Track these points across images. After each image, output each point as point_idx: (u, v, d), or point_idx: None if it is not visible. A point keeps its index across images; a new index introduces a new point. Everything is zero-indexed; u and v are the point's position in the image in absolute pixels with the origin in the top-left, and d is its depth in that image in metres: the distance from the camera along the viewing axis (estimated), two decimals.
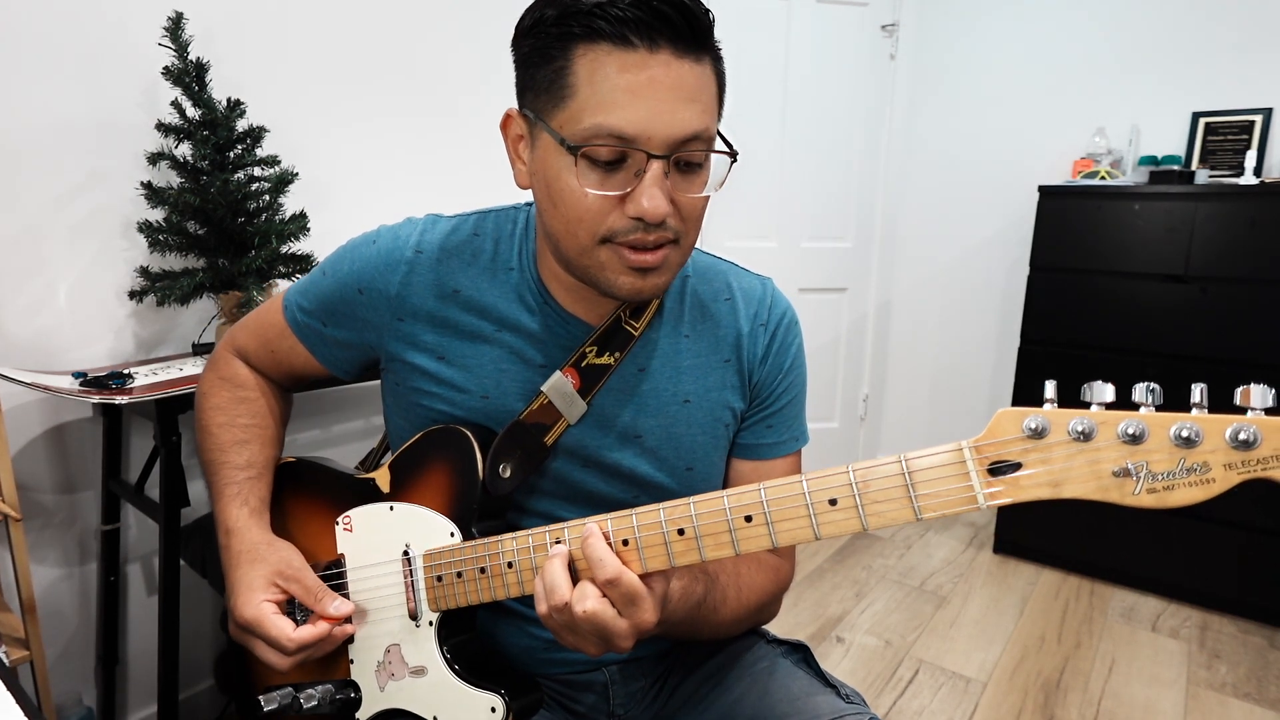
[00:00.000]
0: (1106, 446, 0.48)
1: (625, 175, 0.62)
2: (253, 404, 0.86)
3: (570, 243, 0.66)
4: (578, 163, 0.62)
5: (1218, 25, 2.27)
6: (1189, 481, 0.46)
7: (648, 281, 0.67)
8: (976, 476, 0.51)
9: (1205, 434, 0.45)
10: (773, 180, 2.72)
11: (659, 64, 0.59)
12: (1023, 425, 0.50)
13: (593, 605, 0.58)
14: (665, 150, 0.61)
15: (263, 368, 0.88)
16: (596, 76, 0.60)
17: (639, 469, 0.76)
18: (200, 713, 1.58)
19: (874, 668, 1.88)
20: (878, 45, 2.76)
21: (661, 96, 0.60)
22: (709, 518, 0.59)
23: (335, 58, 1.68)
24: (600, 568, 0.59)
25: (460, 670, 0.68)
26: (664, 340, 0.78)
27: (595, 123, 0.60)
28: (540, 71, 0.63)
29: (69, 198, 1.32)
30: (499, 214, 0.80)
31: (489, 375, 0.75)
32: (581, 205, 0.63)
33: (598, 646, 0.61)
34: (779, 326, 0.82)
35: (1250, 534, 2.06)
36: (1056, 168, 2.56)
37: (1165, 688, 1.81)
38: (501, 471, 0.72)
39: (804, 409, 0.85)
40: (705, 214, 0.70)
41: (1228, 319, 2.03)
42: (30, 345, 1.30)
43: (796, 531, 0.56)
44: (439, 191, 1.91)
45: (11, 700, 0.55)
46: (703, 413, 0.78)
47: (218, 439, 0.84)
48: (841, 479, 0.54)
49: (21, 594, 1.17)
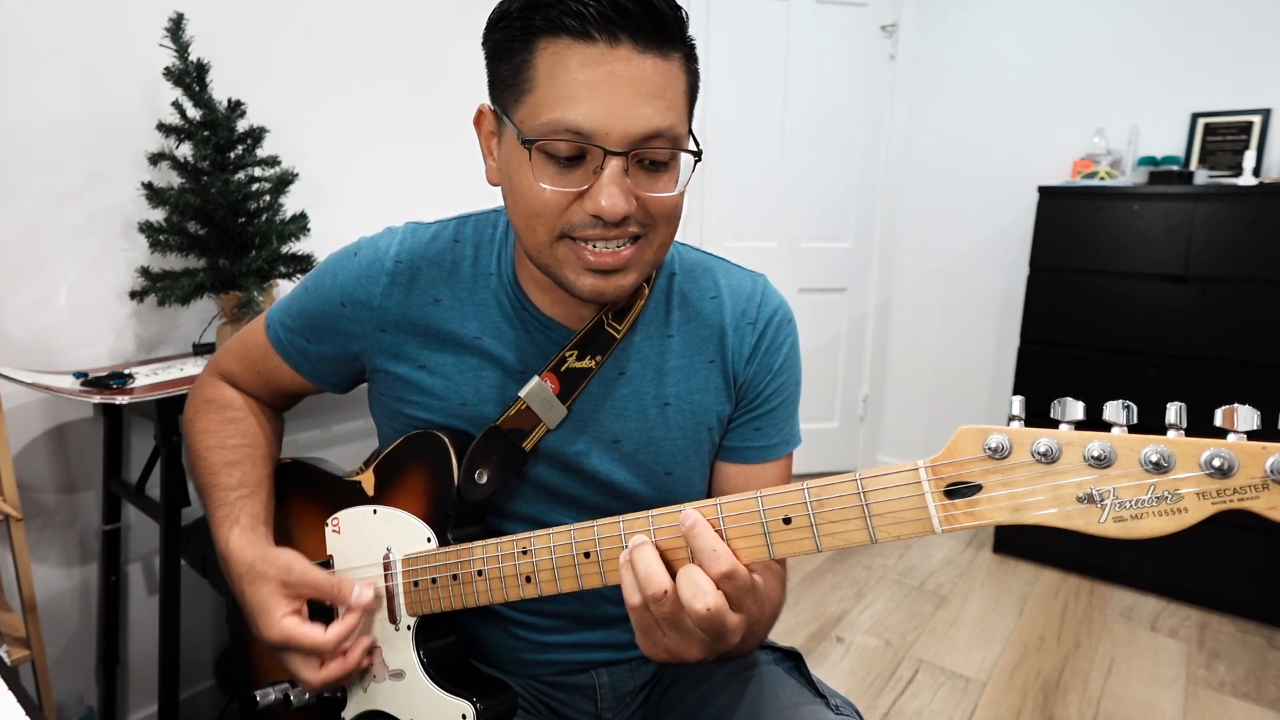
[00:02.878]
0: (1071, 470, 0.44)
1: (584, 172, 0.61)
2: (241, 424, 0.84)
3: (530, 238, 0.65)
4: (533, 157, 0.61)
5: (1217, 25, 2.28)
6: (1159, 510, 0.42)
7: (610, 283, 0.65)
8: (932, 499, 0.48)
9: (1178, 459, 0.42)
10: (773, 180, 2.72)
11: (619, 59, 0.58)
12: (983, 444, 0.47)
13: (715, 601, 0.52)
14: (624, 147, 0.59)
15: (250, 388, 0.86)
16: (556, 70, 0.59)
17: (614, 475, 0.75)
18: (200, 713, 1.58)
19: (874, 668, 1.88)
20: (877, 45, 2.76)
21: (621, 92, 0.58)
22: (667, 532, 0.57)
23: (336, 58, 1.68)
24: (715, 560, 0.53)
25: (435, 675, 0.69)
26: (647, 342, 0.76)
27: (553, 117, 0.59)
28: (504, 65, 0.63)
29: (70, 198, 1.32)
30: (479, 218, 0.79)
31: (468, 383, 0.74)
32: (539, 200, 0.62)
33: (705, 647, 0.56)
34: (768, 325, 0.78)
35: (1250, 534, 2.06)
36: (1056, 168, 2.56)
37: (1164, 687, 1.81)
38: (478, 478, 0.71)
39: (796, 411, 0.82)
40: (683, 211, 0.68)
41: (1227, 319, 2.03)
42: (31, 345, 1.30)
43: (751, 550, 0.54)
44: (438, 191, 1.92)
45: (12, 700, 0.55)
46: (683, 416, 0.76)
47: (208, 462, 0.81)
48: (797, 497, 0.53)
49: (22, 594, 1.17)
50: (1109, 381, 2.21)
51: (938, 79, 2.80)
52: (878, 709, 1.73)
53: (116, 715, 1.48)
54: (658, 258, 0.69)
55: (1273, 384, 1.99)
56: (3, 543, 1.28)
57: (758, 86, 2.62)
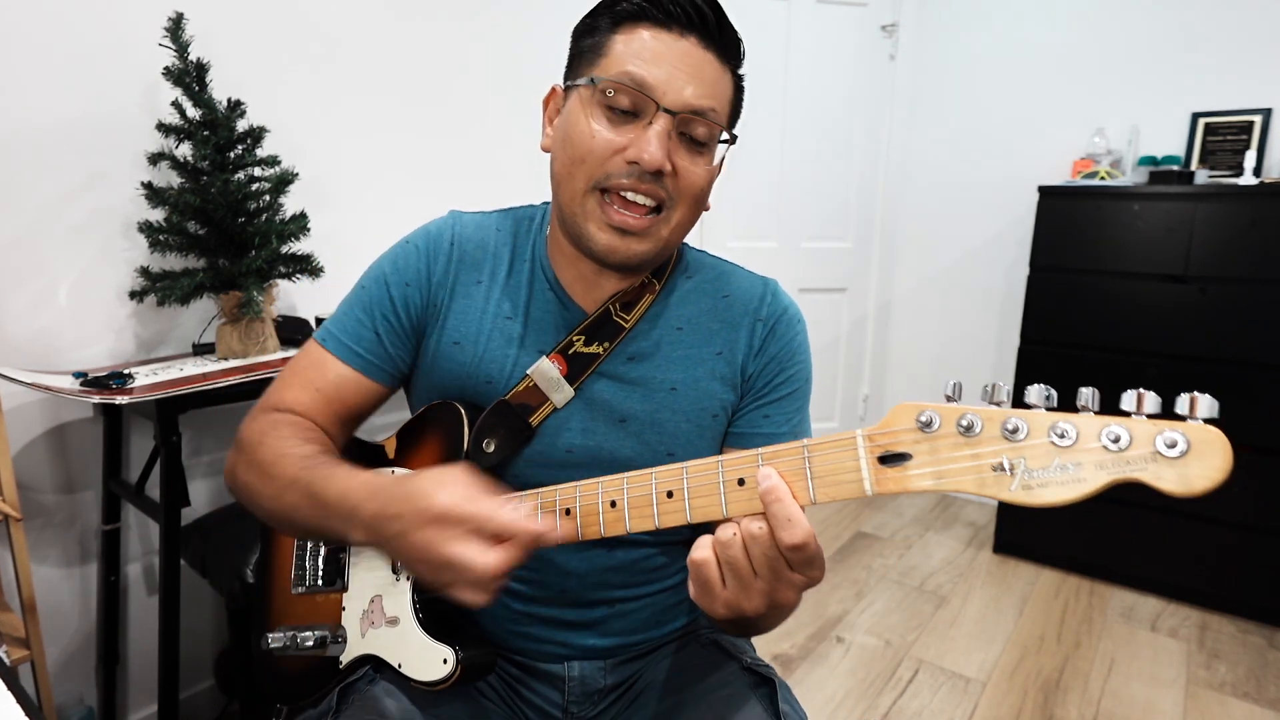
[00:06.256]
0: (989, 440, 0.48)
1: (635, 128, 0.69)
2: (313, 432, 0.77)
3: (568, 186, 0.72)
4: (596, 100, 0.69)
5: (1218, 25, 2.28)
6: (1061, 480, 0.46)
7: (626, 244, 0.71)
8: (866, 465, 0.53)
9: (1080, 433, 0.46)
10: (773, 180, 2.73)
11: (687, 44, 0.69)
12: (916, 418, 0.51)
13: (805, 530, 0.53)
14: (676, 108, 0.68)
15: (311, 413, 0.79)
16: (633, 41, 0.69)
17: (620, 452, 0.78)
18: (200, 713, 1.58)
19: (874, 668, 1.88)
20: (878, 45, 2.76)
21: (682, 66, 0.68)
22: (637, 491, 0.62)
23: (336, 58, 1.68)
24: (789, 529, 0.53)
25: (424, 622, 0.72)
26: (655, 333, 0.80)
27: (622, 69, 0.68)
28: (587, 40, 0.73)
29: (69, 198, 1.32)
30: (517, 213, 0.85)
31: (495, 360, 0.78)
32: (587, 145, 0.69)
33: (765, 598, 0.57)
34: (778, 321, 0.82)
35: (1250, 534, 2.07)
36: (1056, 168, 2.56)
37: (1165, 687, 1.81)
38: (485, 446, 0.75)
39: (806, 407, 0.84)
40: (703, 206, 0.75)
41: (1227, 319, 2.03)
42: (31, 345, 1.30)
43: (709, 509, 0.59)
44: (438, 191, 1.91)
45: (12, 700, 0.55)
46: (688, 401, 0.79)
47: (298, 455, 0.71)
48: (750, 460, 0.57)
49: (22, 594, 1.17)
50: (1109, 381, 2.19)
51: (938, 79, 2.80)
52: (878, 709, 1.73)
53: (116, 715, 1.48)
54: (672, 238, 0.74)
55: (1273, 384, 1.99)
56: (3, 543, 1.28)
57: (758, 86, 2.61)
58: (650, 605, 0.84)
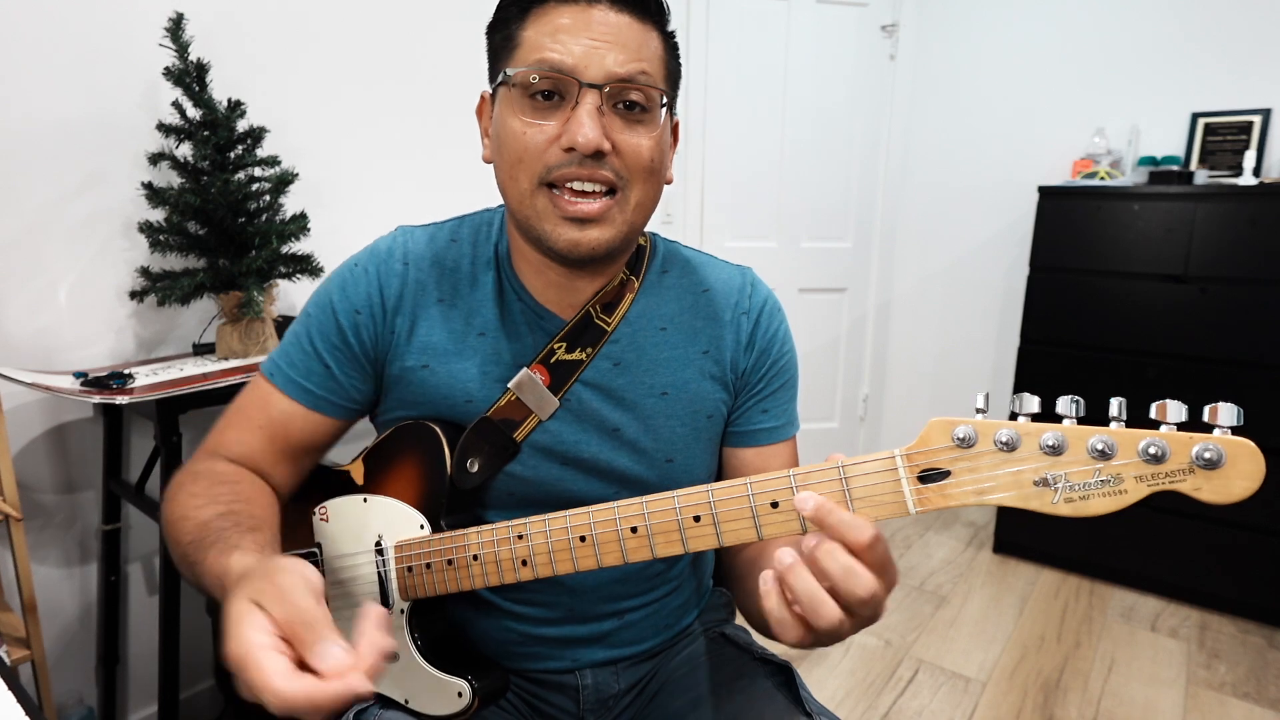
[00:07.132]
0: (1029, 457, 0.49)
1: (563, 112, 0.66)
2: (238, 485, 0.72)
3: (513, 189, 0.68)
4: (514, 95, 0.66)
5: (1217, 25, 2.28)
6: (1103, 492, 0.47)
7: (586, 234, 0.67)
8: (907, 484, 0.53)
9: (1119, 447, 0.47)
10: (773, 180, 2.72)
11: (597, 12, 0.65)
12: (952, 435, 0.51)
13: (871, 582, 0.50)
14: (600, 81, 0.65)
15: (252, 456, 0.76)
16: (541, 24, 0.66)
17: (617, 463, 0.76)
18: (200, 713, 1.58)
19: (874, 667, 1.88)
20: (878, 45, 2.76)
21: (598, 36, 0.65)
22: (659, 516, 0.60)
23: (335, 58, 1.68)
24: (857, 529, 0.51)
25: (428, 656, 0.70)
26: (639, 335, 0.77)
27: (535, 58, 0.65)
28: (498, 35, 0.69)
29: (70, 198, 1.32)
30: (473, 218, 0.81)
31: (472, 378, 0.75)
32: (520, 143, 0.66)
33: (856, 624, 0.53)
34: (761, 312, 0.81)
35: (1250, 534, 2.07)
36: (1056, 168, 2.56)
37: (1165, 687, 1.81)
38: (469, 466, 0.73)
39: (796, 395, 0.84)
40: (662, 179, 0.71)
41: (1227, 319, 2.03)
42: (31, 345, 1.30)
43: (741, 532, 0.58)
44: (438, 191, 1.92)
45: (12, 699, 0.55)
46: (681, 405, 0.77)
47: (193, 520, 0.66)
48: (783, 482, 0.56)
49: (22, 594, 1.17)
50: (1109, 381, 2.21)
51: (938, 79, 2.80)
52: (878, 709, 1.73)
53: (116, 715, 1.48)
54: (636, 219, 0.70)
55: (1273, 384, 1.99)
56: (3, 543, 1.28)
57: (758, 86, 2.62)
58: (658, 610, 0.83)
